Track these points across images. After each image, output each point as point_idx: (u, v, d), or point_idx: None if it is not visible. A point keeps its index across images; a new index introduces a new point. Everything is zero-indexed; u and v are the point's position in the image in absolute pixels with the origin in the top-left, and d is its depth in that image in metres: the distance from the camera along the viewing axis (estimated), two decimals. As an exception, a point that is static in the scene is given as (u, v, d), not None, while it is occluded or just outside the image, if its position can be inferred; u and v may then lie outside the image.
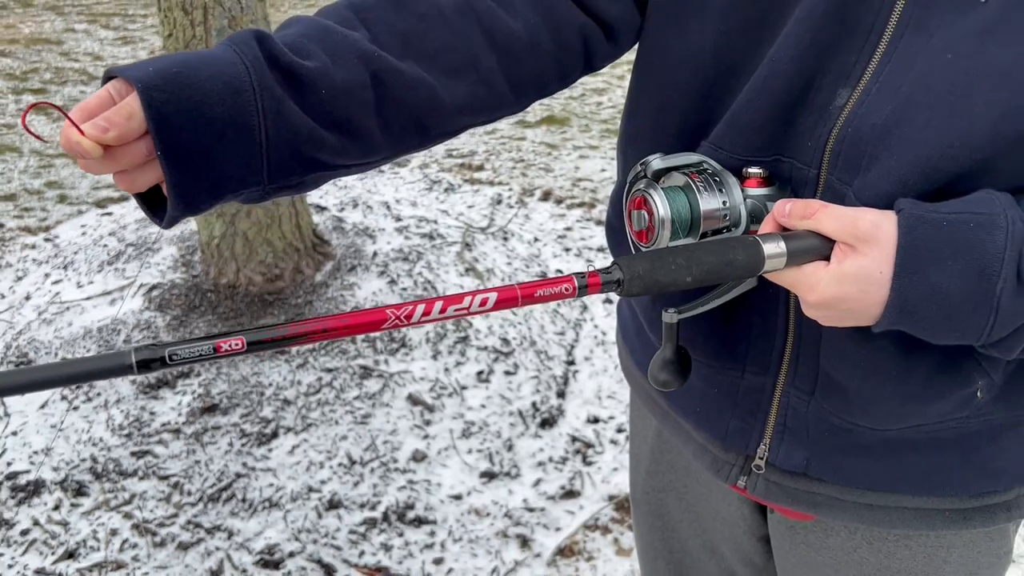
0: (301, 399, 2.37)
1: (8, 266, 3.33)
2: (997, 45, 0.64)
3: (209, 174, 0.65)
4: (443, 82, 0.75)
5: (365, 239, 3.03)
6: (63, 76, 5.43)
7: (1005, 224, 0.63)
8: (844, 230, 0.66)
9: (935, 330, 0.67)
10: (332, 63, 0.70)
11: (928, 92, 0.66)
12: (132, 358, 0.56)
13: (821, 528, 0.92)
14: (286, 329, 0.58)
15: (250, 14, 2.45)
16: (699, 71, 0.78)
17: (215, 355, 0.56)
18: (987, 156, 0.65)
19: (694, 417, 0.93)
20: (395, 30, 0.74)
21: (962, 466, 0.82)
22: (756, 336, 0.82)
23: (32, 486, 2.18)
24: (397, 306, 0.58)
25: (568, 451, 2.43)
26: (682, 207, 0.72)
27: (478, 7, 0.77)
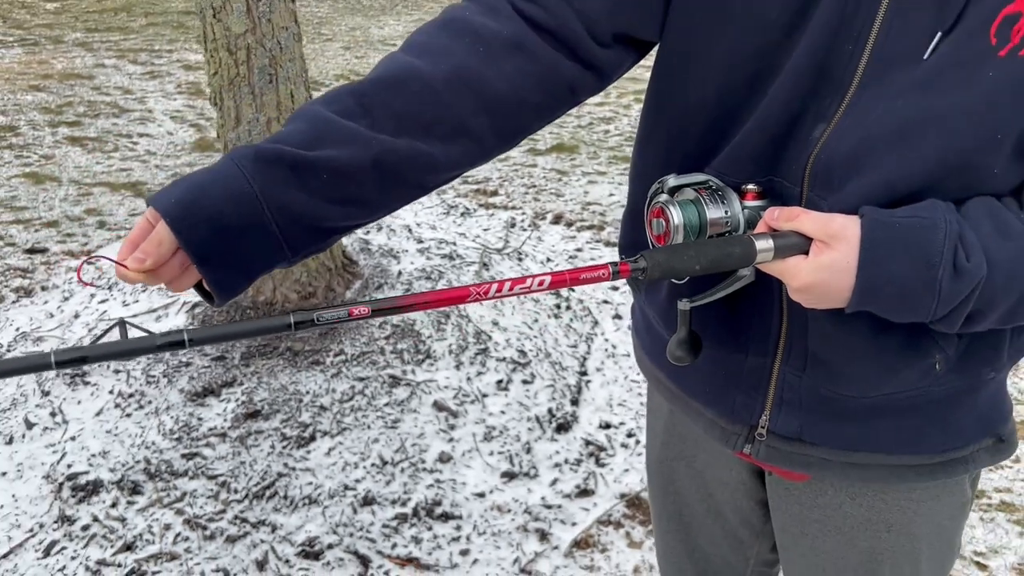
0: (336, 405, 2.57)
1: (55, 287, 3.55)
2: (936, 95, 0.81)
3: (239, 267, 0.81)
4: (438, 148, 0.87)
5: (390, 259, 3.24)
6: (95, 109, 5.69)
7: (944, 226, 0.80)
8: (819, 230, 0.83)
9: (893, 309, 0.84)
10: (335, 152, 0.81)
11: (885, 129, 0.84)
12: (291, 319, 0.75)
13: (812, 488, 1.09)
14: (397, 301, 0.77)
15: (288, 53, 2.68)
16: (705, 115, 0.95)
17: (348, 318, 0.76)
18: (933, 180, 0.83)
19: (703, 397, 1.10)
20: (392, 111, 0.85)
21: (927, 427, 0.99)
22: (755, 325, 1.00)
23: (91, 486, 2.37)
24: (477, 285, 0.78)
25: (582, 454, 2.62)
26: (693, 216, 0.90)
27: (466, 76, 0.87)
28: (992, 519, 2.42)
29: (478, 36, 0.89)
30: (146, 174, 4.73)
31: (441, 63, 0.87)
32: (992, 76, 0.79)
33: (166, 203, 0.78)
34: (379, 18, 8.50)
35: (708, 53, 0.93)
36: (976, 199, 0.84)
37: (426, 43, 0.89)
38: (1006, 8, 0.78)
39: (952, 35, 0.80)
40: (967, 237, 0.81)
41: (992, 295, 0.82)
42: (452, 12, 0.93)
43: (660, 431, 1.27)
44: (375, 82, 0.86)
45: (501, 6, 0.91)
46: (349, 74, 6.61)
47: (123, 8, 8.60)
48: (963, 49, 0.80)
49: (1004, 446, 1.05)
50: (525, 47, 0.90)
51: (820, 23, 0.85)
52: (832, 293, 0.84)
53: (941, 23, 0.80)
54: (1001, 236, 0.82)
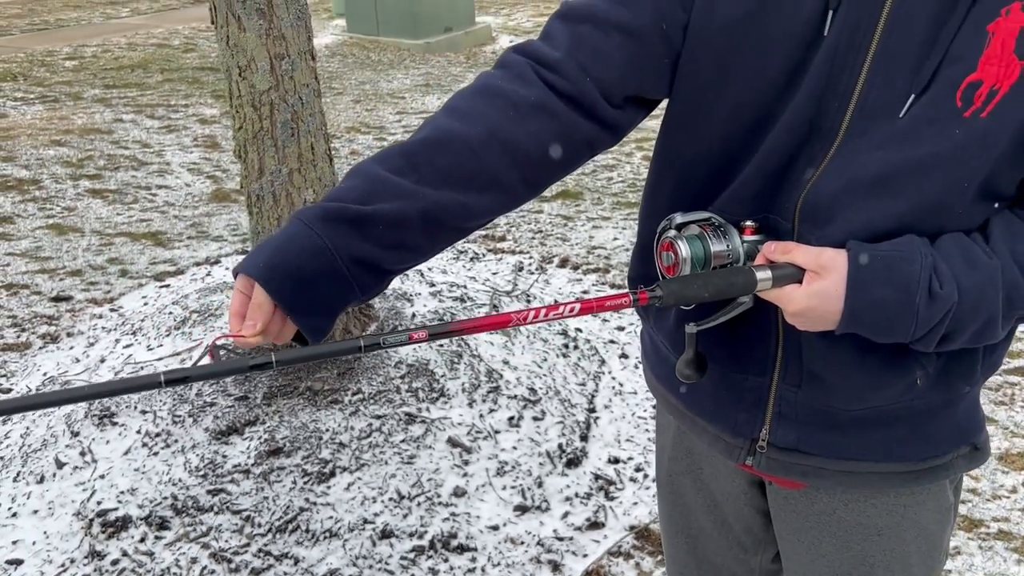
0: (355, 442, 2.67)
1: (80, 333, 3.67)
2: (911, 148, 0.94)
3: (323, 310, 0.94)
4: (474, 198, 0.99)
5: (404, 302, 3.36)
6: (115, 162, 5.87)
7: (920, 258, 0.93)
8: (811, 261, 0.96)
9: (877, 331, 0.97)
10: (388, 205, 0.94)
11: (867, 175, 0.96)
12: (361, 343, 0.88)
13: (808, 496, 1.19)
14: (450, 326, 0.90)
15: (309, 108, 2.84)
16: (710, 162, 1.08)
17: (409, 342, 0.88)
18: (908, 220, 0.96)
19: (708, 414, 1.21)
20: (435, 168, 0.97)
21: (911, 437, 1.11)
22: (755, 348, 1.11)
23: (120, 522, 2.47)
24: (517, 312, 0.91)
25: (592, 488, 2.71)
26: (698, 250, 1.02)
27: (499, 136, 0.99)
28: (991, 547, 2.50)
29: (508, 100, 1.01)
30: (165, 224, 4.89)
31: (477, 125, 0.99)
32: (959, 134, 0.92)
33: (255, 268, 0.91)
34: (388, 72, 8.76)
35: (713, 107, 1.05)
36: (948, 235, 0.97)
37: (463, 107, 1.01)
38: (969, 76, 0.91)
39: (924, 96, 0.93)
40: (940, 267, 0.94)
41: (962, 317, 0.94)
42: (485, 79, 1.05)
43: (668, 446, 1.37)
44: (420, 143, 0.99)
45: (528, 74, 1.03)
46: (360, 126, 6.81)
47: (140, 65, 8.87)
48: (934, 109, 0.93)
49: (979, 454, 1.17)
50: (548, 109, 1.01)
51: (811, 81, 0.98)
52: (823, 317, 0.97)
53: (915, 85, 0.93)
54: (969, 267, 0.94)
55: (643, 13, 1.02)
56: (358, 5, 9.77)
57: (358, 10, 9.81)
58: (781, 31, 0.98)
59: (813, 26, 0.97)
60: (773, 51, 0.99)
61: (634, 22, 1.02)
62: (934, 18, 0.92)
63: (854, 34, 0.96)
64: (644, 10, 1.02)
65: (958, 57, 0.92)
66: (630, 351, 3.47)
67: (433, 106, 7.42)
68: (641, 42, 1.02)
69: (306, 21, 2.81)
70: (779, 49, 0.99)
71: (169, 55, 9.39)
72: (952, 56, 0.92)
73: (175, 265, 4.35)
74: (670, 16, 1.02)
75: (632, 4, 1.03)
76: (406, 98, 7.73)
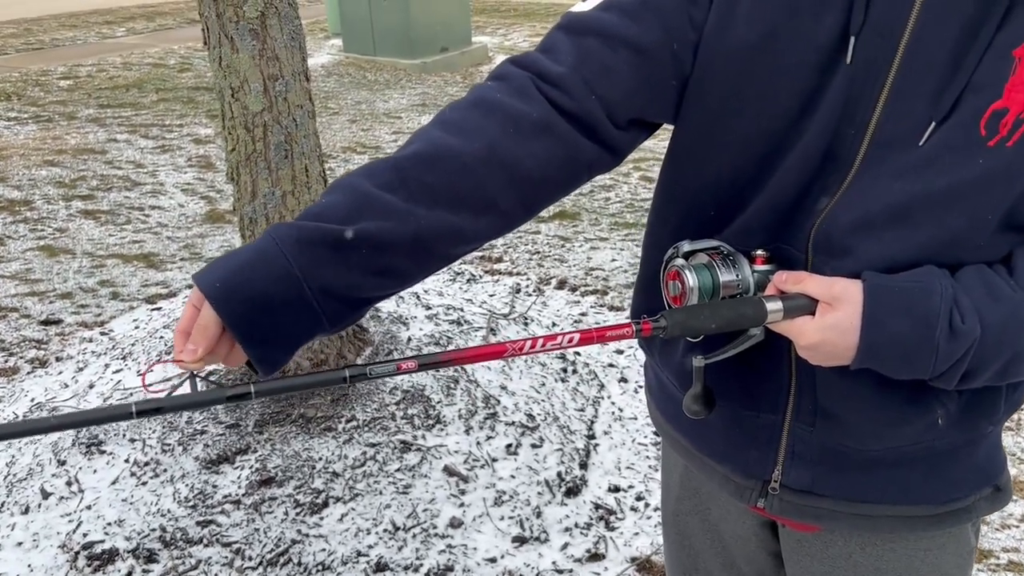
0: (348, 471, 2.60)
1: (69, 358, 3.61)
2: (931, 178, 0.90)
3: (281, 342, 0.85)
4: (469, 221, 0.91)
5: (400, 326, 3.30)
6: (108, 183, 5.82)
7: (940, 290, 0.89)
8: (825, 292, 0.92)
9: (894, 367, 0.92)
10: (374, 226, 0.85)
11: (883, 206, 0.92)
12: (347, 373, 0.82)
13: (822, 539, 1.14)
14: (441, 356, 0.84)
15: (303, 130, 2.79)
16: (718, 191, 1.03)
17: (397, 372, 0.82)
18: (929, 254, 0.91)
19: (718, 455, 1.16)
20: (426, 185, 0.89)
21: (931, 478, 1.06)
22: (767, 384, 1.06)
23: (107, 554, 2.39)
24: (513, 341, 0.86)
25: (592, 517, 2.64)
26: (706, 280, 0.97)
27: (499, 154, 0.92)
28: (1001, 578, 2.44)
29: (508, 116, 0.93)
30: (158, 246, 4.83)
31: (474, 140, 0.91)
32: (982, 164, 0.88)
33: (209, 285, 0.82)
34: (384, 92, 8.74)
35: (723, 135, 1.00)
36: (970, 266, 0.92)
37: (459, 120, 0.94)
38: (994, 104, 0.87)
39: (946, 124, 0.89)
40: (961, 300, 0.89)
41: (985, 354, 0.89)
42: (481, 92, 0.97)
43: (675, 486, 1.32)
44: (412, 157, 0.90)
45: (528, 89, 0.96)
46: (356, 146, 6.78)
47: (134, 85, 8.84)
48: (956, 138, 0.88)
49: (1002, 495, 1.11)
50: (551, 128, 0.95)
51: (827, 109, 0.93)
52: (837, 351, 0.92)
53: (936, 113, 0.89)
54: (992, 299, 0.89)
55: (653, 30, 0.96)
56: (354, 25, 9.77)
57: (354, 30, 9.80)
58: (797, 57, 0.93)
59: (829, 53, 0.93)
60: (788, 78, 0.94)
61: (643, 38, 0.96)
62: (957, 43, 0.88)
63: (872, 61, 0.91)
64: (654, 27, 0.97)
65: (983, 84, 0.87)
66: (629, 375, 3.41)
67: (429, 126, 7.39)
68: (650, 61, 0.97)
69: (300, 42, 2.77)
70: (794, 76, 0.94)
71: (164, 75, 9.37)
72: (976, 83, 0.88)
73: (167, 287, 4.29)
74: (680, 35, 0.97)
75: (641, 19, 0.97)
76: (402, 118, 7.70)
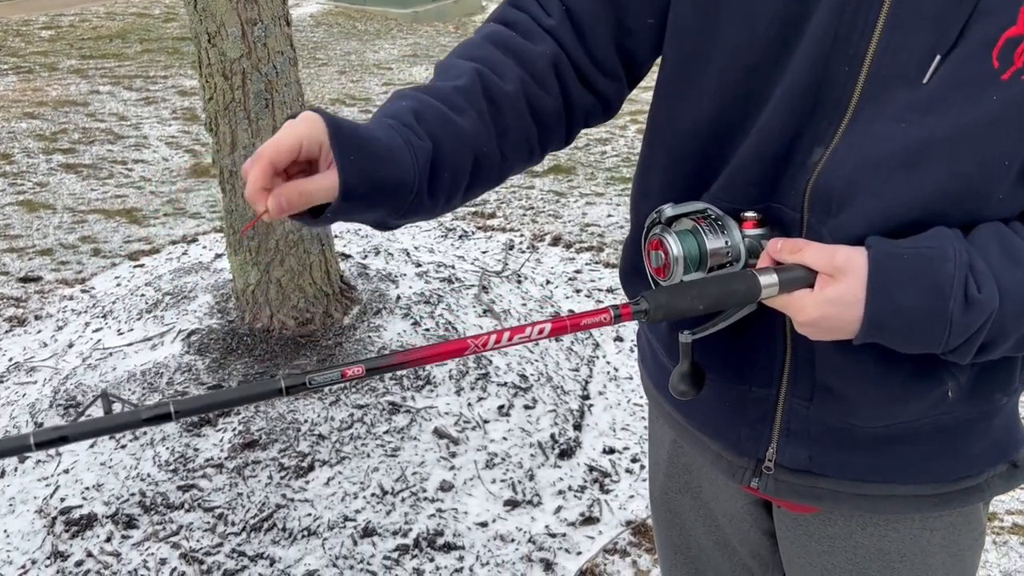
0: (335, 434, 2.52)
1: (48, 316, 3.50)
2: (937, 119, 0.79)
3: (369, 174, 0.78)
4: (509, 157, 0.93)
5: (389, 284, 3.20)
6: (90, 136, 5.67)
7: (954, 255, 0.78)
8: (824, 262, 0.81)
9: (903, 341, 0.82)
10: (448, 147, 0.86)
11: (884, 153, 0.82)
12: (282, 383, 0.72)
13: (821, 519, 1.06)
14: (395, 359, 0.74)
15: (284, 78, 2.66)
16: (700, 137, 0.94)
17: (342, 380, 0.72)
18: (936, 207, 0.81)
19: (710, 429, 1.07)
20: (488, 120, 0.90)
21: (940, 455, 0.97)
22: (760, 354, 0.97)
23: (85, 520, 2.32)
24: (475, 336, 0.75)
25: (586, 480, 2.57)
26: (692, 247, 0.87)
27: (529, 92, 0.93)
28: (1005, 542, 2.38)
29: (527, 60, 0.94)
30: (141, 200, 4.70)
31: (509, 82, 0.92)
32: (996, 100, 0.77)
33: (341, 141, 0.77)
34: (374, 42, 8.53)
35: (702, 73, 0.91)
36: (985, 224, 0.82)
37: (490, 59, 0.93)
38: (1009, 30, 0.76)
39: (952, 57, 0.78)
40: (977, 266, 0.79)
41: (1005, 324, 0.80)
42: (497, 33, 0.96)
43: (663, 462, 1.23)
44: (466, 90, 0.89)
45: (535, 34, 0.96)
46: (345, 98, 6.61)
47: (118, 35, 8.61)
48: (965, 72, 0.78)
49: (1019, 472, 1.03)
50: (558, 74, 0.95)
51: (813, 42, 0.83)
52: (839, 327, 0.82)
53: (940, 45, 0.78)
54: (1012, 263, 0.80)
55: None
56: (344, -27, 9.52)
57: (344, -22, 9.55)
58: None
59: None
60: (763, 1, 0.84)
61: None
62: None
63: None
64: None
65: (992, 8, 0.76)
66: (625, 334, 3.32)
67: (421, 77, 7.22)
68: (623, 5, 0.95)
69: (280, -16, 2.62)
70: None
71: (149, 25, 9.12)
72: (985, 7, 0.76)
73: (150, 244, 4.17)
74: None
75: None
76: (393, 69, 7.52)
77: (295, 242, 2.79)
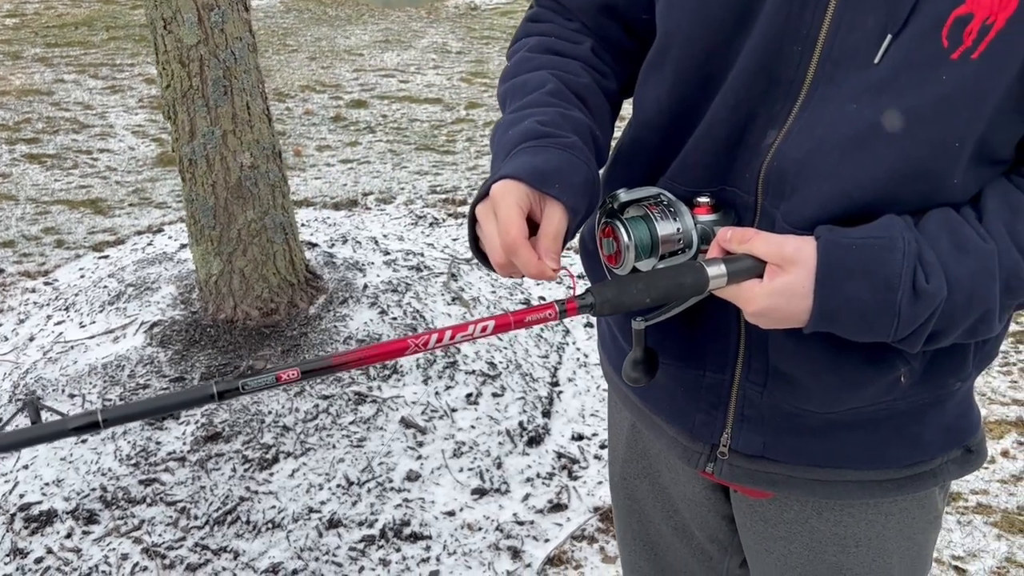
0: (300, 425, 2.49)
1: (10, 309, 3.44)
2: (889, 99, 0.78)
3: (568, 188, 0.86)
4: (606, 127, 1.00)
5: (355, 273, 3.17)
6: (55, 125, 5.57)
7: (903, 245, 0.78)
8: (773, 253, 0.81)
9: (852, 331, 0.82)
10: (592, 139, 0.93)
11: (837, 135, 0.81)
12: (214, 389, 0.70)
13: (777, 504, 1.05)
14: (331, 360, 0.72)
15: (243, 64, 2.61)
16: (661, 120, 0.93)
17: (276, 384, 0.70)
18: (889, 188, 0.81)
19: (666, 414, 1.06)
20: (585, 110, 0.96)
21: (893, 441, 0.96)
22: (713, 339, 0.96)
23: (45, 516, 2.28)
24: (416, 336, 0.74)
25: (555, 467, 2.56)
26: (643, 234, 0.86)
27: (604, 86, 1.00)
28: (969, 522, 2.39)
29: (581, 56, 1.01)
30: (106, 191, 4.63)
31: (579, 75, 0.98)
32: (946, 80, 0.76)
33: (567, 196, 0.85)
34: (345, 28, 8.44)
35: (664, 57, 0.91)
36: (934, 212, 0.82)
37: (552, 63, 0.99)
38: (957, 9, 0.75)
39: (902, 37, 0.77)
40: (926, 256, 0.79)
41: (953, 314, 0.80)
42: (545, 42, 1.02)
43: (621, 449, 1.22)
44: (558, 91, 0.95)
45: (571, 33, 1.02)
46: (315, 85, 6.54)
47: (84, 22, 8.46)
48: (915, 52, 0.77)
49: (973, 457, 1.02)
50: (603, 59, 1.02)
51: (767, 22, 0.83)
52: (788, 317, 0.82)
53: (891, 24, 0.77)
54: (960, 252, 0.79)
55: None
56: (314, -42, 9.39)
57: (314, -36, 9.42)
58: None
59: None
60: None
61: None
62: None
63: None
64: None
65: None
66: (595, 320, 3.31)
67: (392, 63, 7.16)
68: (616, 7, 0.99)
69: (237, -33, 2.57)
70: None
71: (115, 12, 8.96)
72: None
73: (115, 234, 4.11)
74: None
75: None
76: (364, 55, 7.44)
77: (258, 231, 2.75)
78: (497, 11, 9.19)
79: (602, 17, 1.00)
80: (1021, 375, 3.01)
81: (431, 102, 6.20)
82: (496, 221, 0.81)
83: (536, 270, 0.80)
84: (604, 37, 1.01)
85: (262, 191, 2.73)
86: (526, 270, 0.80)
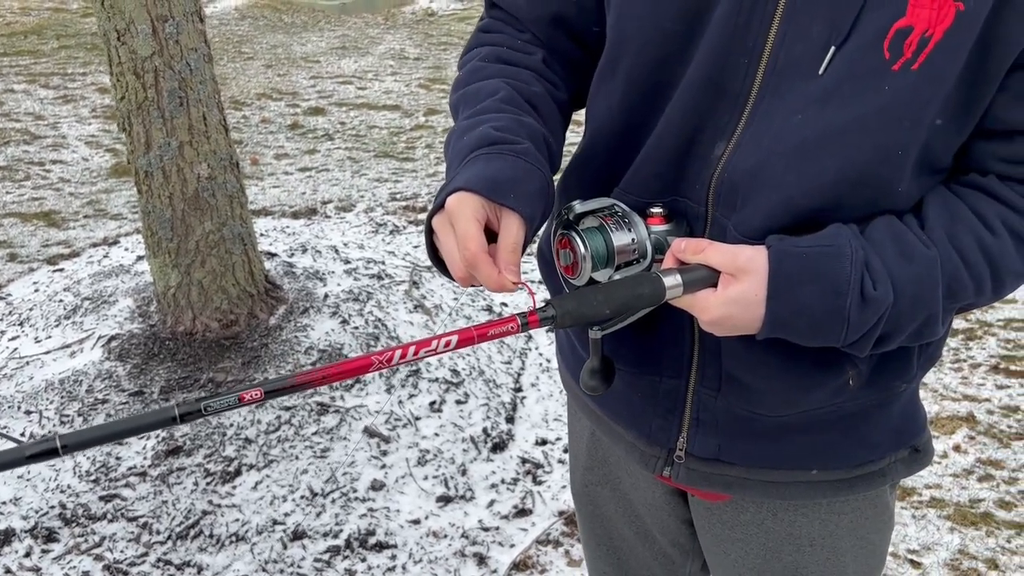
0: (262, 437, 2.48)
1: (-38, 326, 3.37)
2: (834, 110, 0.81)
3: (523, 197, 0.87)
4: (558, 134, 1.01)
5: (316, 282, 3.16)
6: (4, 136, 5.46)
7: (850, 253, 0.81)
8: (727, 263, 0.83)
9: (804, 337, 0.85)
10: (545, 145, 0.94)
11: (784, 145, 0.83)
12: (176, 411, 0.70)
13: (734, 507, 1.08)
14: (295, 379, 0.73)
15: (199, 75, 2.59)
16: (611, 128, 0.95)
17: (240, 404, 0.71)
18: (836, 196, 0.83)
19: (624, 420, 1.08)
20: (552, 119, 0.98)
21: (843, 442, 1.00)
22: (668, 346, 0.98)
23: (2, 535, 2.24)
24: (379, 352, 0.74)
25: (519, 472, 2.58)
26: (599, 245, 0.88)
27: (555, 96, 1.00)
28: (923, 516, 2.46)
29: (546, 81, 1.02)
30: (60, 202, 4.55)
31: (532, 83, 0.99)
32: (888, 90, 0.79)
33: (523, 206, 0.85)
34: (301, 35, 8.39)
35: (615, 67, 0.93)
36: (879, 220, 0.85)
37: (504, 72, 1.00)
38: (898, 21, 0.78)
39: (846, 48, 0.80)
40: (872, 263, 0.82)
41: (899, 319, 0.83)
42: (496, 52, 1.02)
43: (583, 456, 1.24)
44: (509, 99, 0.96)
45: (522, 44, 1.03)
46: (272, 92, 6.49)
47: (33, 31, 8.30)
48: (858, 63, 0.80)
49: (920, 456, 1.06)
50: (554, 70, 1.03)
51: (715, 33, 0.85)
52: (742, 325, 0.85)
53: (835, 36, 0.80)
54: (905, 259, 0.82)
55: None
56: (269, -35, 9.32)
57: (269, -30, 9.35)
58: None
59: None
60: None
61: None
62: None
63: None
64: None
65: (883, 0, 0.78)
66: (557, 325, 3.33)
67: (350, 70, 7.13)
68: (567, 20, 1.01)
69: (192, -22, 2.55)
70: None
71: (66, 20, 8.81)
72: None
73: (70, 247, 4.04)
74: None
75: None
76: (321, 62, 7.40)
77: (216, 242, 2.73)
78: (454, 17, 9.21)
79: (553, 29, 1.01)
80: (972, 372, 3.09)
81: (389, 109, 6.19)
82: (454, 235, 0.82)
83: (497, 284, 0.81)
84: (555, 49, 1.02)
85: (220, 202, 2.71)
86: (487, 284, 0.81)
